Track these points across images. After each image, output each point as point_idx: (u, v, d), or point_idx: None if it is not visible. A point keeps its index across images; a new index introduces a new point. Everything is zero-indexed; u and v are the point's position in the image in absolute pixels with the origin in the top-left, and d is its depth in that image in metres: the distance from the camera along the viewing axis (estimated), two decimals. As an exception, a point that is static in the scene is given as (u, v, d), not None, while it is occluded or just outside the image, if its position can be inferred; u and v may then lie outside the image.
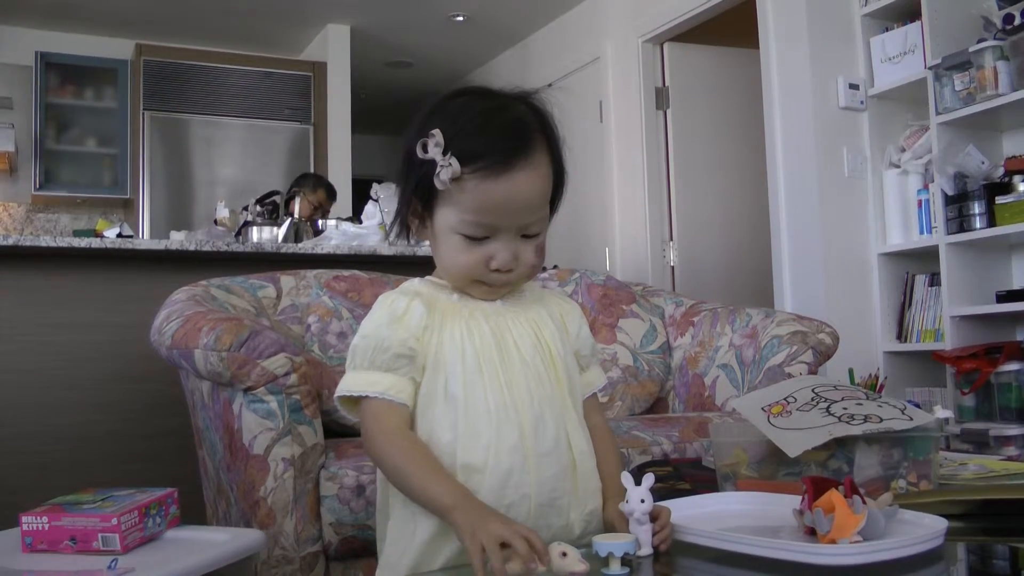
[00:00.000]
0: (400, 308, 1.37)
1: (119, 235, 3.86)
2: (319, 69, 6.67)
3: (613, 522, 1.34)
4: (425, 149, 1.31)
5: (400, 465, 1.32)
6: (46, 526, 1.65)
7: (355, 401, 1.37)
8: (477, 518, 1.20)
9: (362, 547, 2.06)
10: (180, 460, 2.77)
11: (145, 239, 3.89)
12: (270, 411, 2.06)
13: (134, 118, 6.29)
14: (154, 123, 6.23)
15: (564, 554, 1.13)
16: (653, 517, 1.27)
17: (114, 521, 1.62)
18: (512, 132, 1.34)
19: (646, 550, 1.24)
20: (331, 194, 5.10)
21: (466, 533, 1.19)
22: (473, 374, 1.35)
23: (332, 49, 6.67)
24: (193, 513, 2.10)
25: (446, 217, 1.35)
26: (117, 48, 6.51)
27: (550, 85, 6.19)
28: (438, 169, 1.30)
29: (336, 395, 1.39)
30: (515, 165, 1.31)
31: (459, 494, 1.26)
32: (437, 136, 1.30)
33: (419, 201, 1.38)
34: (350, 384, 1.37)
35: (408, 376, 1.35)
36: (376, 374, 1.35)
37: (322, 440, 2.13)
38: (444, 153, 1.30)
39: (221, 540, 1.73)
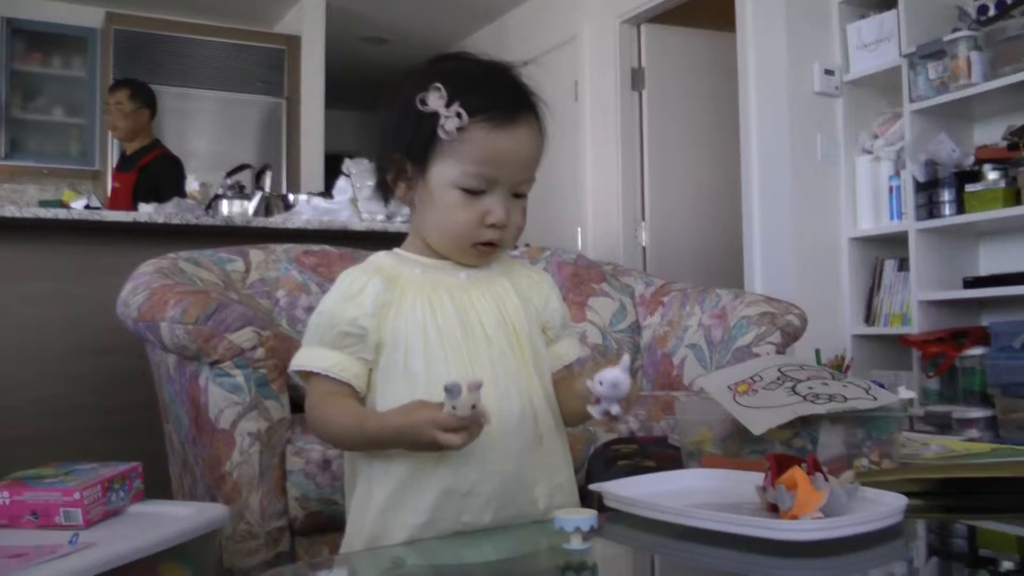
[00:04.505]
0: (356, 286, 1.37)
1: (86, 206, 3.82)
2: (293, 43, 6.61)
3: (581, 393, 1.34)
4: (424, 103, 1.32)
5: (341, 419, 1.34)
6: (7, 500, 1.64)
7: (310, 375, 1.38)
8: (414, 438, 1.24)
9: (328, 522, 2.06)
10: (146, 434, 2.74)
11: (113, 211, 3.84)
12: (237, 385, 2.05)
13: (103, 88, 6.19)
14: (124, 94, 6.15)
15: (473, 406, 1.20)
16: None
17: (76, 495, 1.61)
18: (515, 88, 1.40)
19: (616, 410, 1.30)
20: (133, 91, 4.83)
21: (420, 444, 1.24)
22: (436, 350, 1.34)
23: (307, 23, 6.60)
24: (159, 488, 2.09)
25: (445, 171, 1.35)
26: (87, 16, 6.38)
27: (526, 63, 6.13)
28: (442, 120, 1.31)
29: (289, 369, 1.40)
30: (519, 118, 1.36)
31: (386, 423, 1.28)
32: (441, 89, 1.32)
33: (411, 160, 1.38)
34: (300, 358, 1.38)
35: (356, 356, 1.35)
36: (323, 350, 1.36)
37: (288, 415, 2.12)
38: (447, 106, 1.32)
39: (185, 515, 1.72)
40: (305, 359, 1.36)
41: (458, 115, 1.31)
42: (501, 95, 1.36)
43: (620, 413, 1.31)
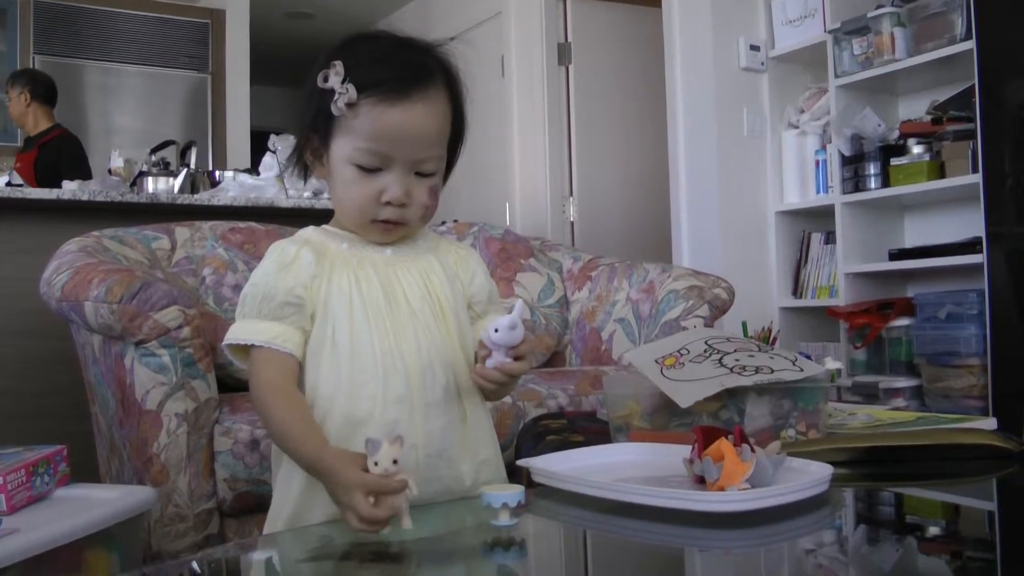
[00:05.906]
0: (288, 256, 1.36)
1: (8, 184, 3.74)
2: (217, 17, 6.49)
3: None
4: (326, 80, 1.33)
5: (279, 420, 1.30)
6: (-73, 485, 1.60)
7: (245, 350, 1.36)
8: (333, 488, 1.19)
9: (256, 502, 2.04)
10: (72, 417, 2.70)
11: (36, 188, 3.76)
12: (163, 365, 2.02)
13: (24, 62, 6.01)
14: (45, 68, 5.94)
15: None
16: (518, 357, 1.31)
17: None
18: (411, 64, 1.36)
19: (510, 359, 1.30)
20: (17, 84, 4.83)
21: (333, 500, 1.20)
22: (360, 322, 1.34)
23: (231, -4, 6.51)
24: (87, 472, 2.06)
25: (341, 147, 1.35)
26: (5, -12, 6.24)
27: (453, 38, 6.12)
28: (336, 96, 1.32)
29: (224, 343, 1.37)
30: (411, 95, 1.33)
31: (317, 457, 1.23)
32: (338, 66, 1.33)
33: (316, 135, 1.39)
34: (237, 332, 1.35)
35: (296, 325, 1.34)
36: (263, 322, 1.34)
37: (216, 394, 2.10)
38: (343, 83, 1.32)
39: (111, 498, 1.70)
40: (244, 332, 1.35)
41: (347, 92, 1.32)
42: (394, 71, 1.34)
43: (515, 367, 1.30)
